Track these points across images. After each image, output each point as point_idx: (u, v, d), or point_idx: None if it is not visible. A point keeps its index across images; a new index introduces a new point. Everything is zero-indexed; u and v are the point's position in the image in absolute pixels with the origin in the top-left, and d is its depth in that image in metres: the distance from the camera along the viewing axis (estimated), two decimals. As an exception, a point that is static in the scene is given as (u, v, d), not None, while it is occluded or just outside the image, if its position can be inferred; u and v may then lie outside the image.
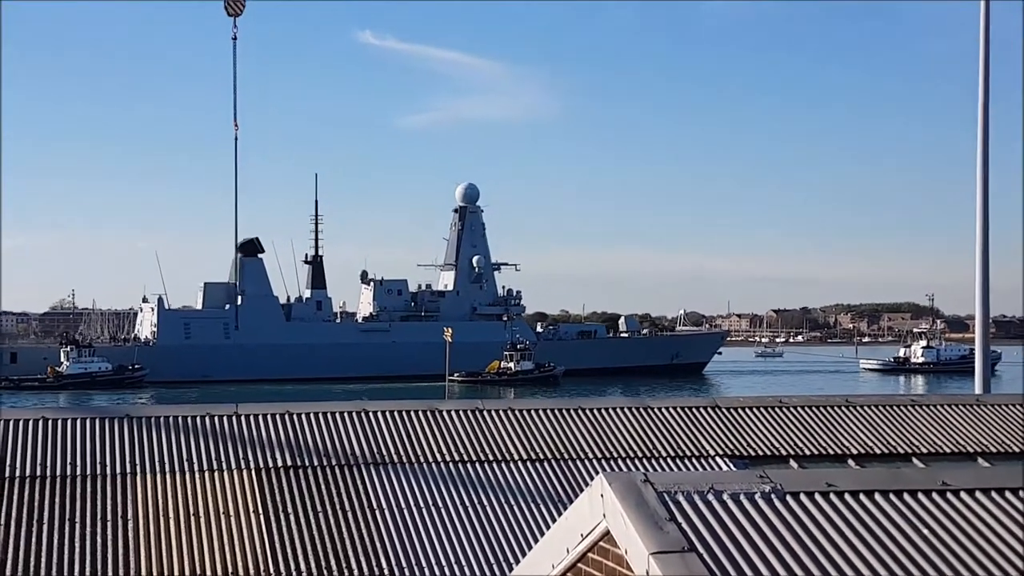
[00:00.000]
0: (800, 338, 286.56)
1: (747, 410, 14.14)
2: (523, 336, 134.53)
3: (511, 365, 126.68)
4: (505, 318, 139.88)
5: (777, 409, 14.18)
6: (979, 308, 18.19)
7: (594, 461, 13.08)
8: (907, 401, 14.55)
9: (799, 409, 14.21)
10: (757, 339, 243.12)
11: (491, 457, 12.87)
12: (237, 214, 74.58)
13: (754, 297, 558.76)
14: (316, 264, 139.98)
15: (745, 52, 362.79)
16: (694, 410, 14.11)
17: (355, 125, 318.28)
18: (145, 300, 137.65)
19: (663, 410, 14.08)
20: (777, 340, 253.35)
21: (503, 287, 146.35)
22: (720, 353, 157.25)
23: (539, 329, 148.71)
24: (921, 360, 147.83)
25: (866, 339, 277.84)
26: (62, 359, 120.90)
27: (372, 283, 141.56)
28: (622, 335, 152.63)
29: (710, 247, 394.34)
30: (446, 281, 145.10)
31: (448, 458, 12.74)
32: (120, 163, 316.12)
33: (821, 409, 14.23)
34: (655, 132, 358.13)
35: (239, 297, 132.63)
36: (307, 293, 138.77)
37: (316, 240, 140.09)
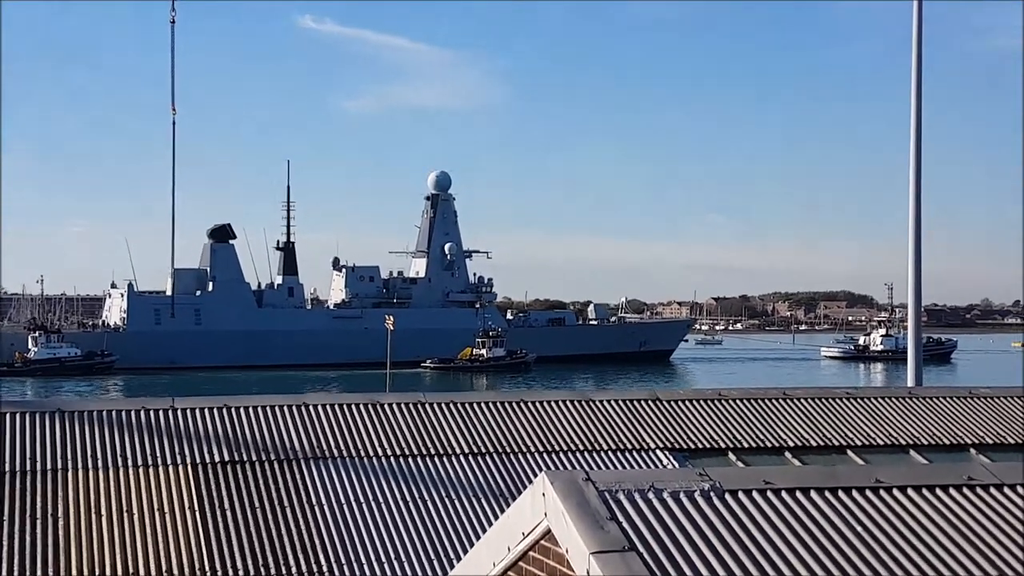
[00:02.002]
0: (739, 326, 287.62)
1: (686, 403, 14.26)
2: (495, 323, 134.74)
3: (483, 352, 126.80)
4: (477, 305, 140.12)
5: (716, 402, 14.31)
6: (911, 302, 18.34)
7: (536, 455, 13.15)
8: (842, 394, 14.72)
9: (737, 402, 14.35)
10: (697, 327, 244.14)
11: (433, 451, 12.92)
12: (175, 198, 73.94)
13: (693, 285, 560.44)
14: (288, 251, 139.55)
15: (685, 39, 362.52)
16: (634, 403, 14.21)
17: (300, 109, 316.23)
18: (114, 286, 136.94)
19: (604, 403, 14.18)
20: (716, 328, 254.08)
21: (474, 274, 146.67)
22: (687, 340, 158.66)
23: (509, 316, 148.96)
24: (881, 348, 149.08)
25: (803, 327, 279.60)
26: (30, 345, 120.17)
27: (344, 269, 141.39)
28: (591, 322, 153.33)
29: (649, 235, 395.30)
30: (418, 268, 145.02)
31: (389, 452, 12.77)
32: (52, 146, 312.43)
33: (759, 402, 14.37)
34: (598, 120, 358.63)
35: (210, 283, 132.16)
36: (279, 280, 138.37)
37: (288, 226, 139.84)
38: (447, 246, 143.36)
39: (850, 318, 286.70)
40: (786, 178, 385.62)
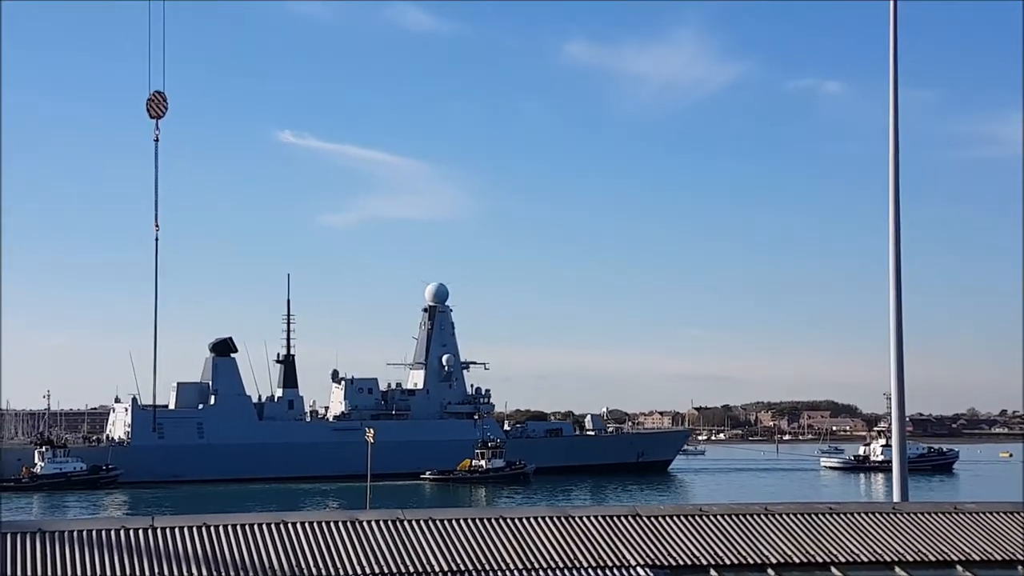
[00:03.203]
0: (722, 436, 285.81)
1: (667, 519, 14.23)
2: (493, 434, 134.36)
3: (482, 463, 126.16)
4: (476, 416, 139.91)
5: (697, 517, 14.28)
6: (895, 416, 18.33)
7: (515, 572, 13.09)
8: (825, 509, 14.68)
9: (718, 517, 14.31)
10: (695, 437, 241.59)
11: (412, 570, 12.87)
12: (157, 315, 72.43)
13: (674, 394, 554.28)
14: (288, 363, 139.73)
15: (659, 152, 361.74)
16: (615, 519, 14.19)
17: (289, 223, 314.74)
18: (117, 400, 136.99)
19: (584, 519, 14.16)
20: (699, 438, 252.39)
21: (471, 385, 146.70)
22: (683, 451, 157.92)
23: (506, 427, 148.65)
24: (881, 458, 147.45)
25: (787, 437, 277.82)
26: (36, 460, 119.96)
27: (343, 382, 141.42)
28: (588, 433, 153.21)
29: (627, 345, 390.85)
30: (416, 379, 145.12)
31: (368, 571, 12.73)
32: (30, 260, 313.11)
33: (740, 517, 14.33)
34: (574, 231, 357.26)
35: (212, 397, 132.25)
36: (279, 392, 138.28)
37: (288, 339, 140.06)
38: (445, 358, 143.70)
39: (834, 428, 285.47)
40: (765, 288, 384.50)
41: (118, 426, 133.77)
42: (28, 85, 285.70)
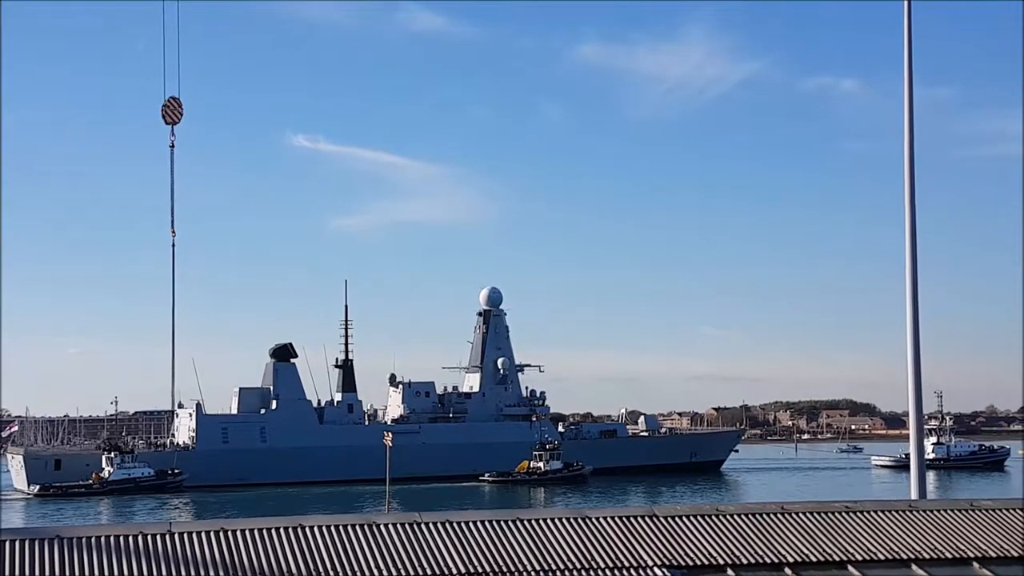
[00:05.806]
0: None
1: (684, 519, 14.28)
2: (550, 436, 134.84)
3: (540, 465, 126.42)
4: (534, 418, 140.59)
5: (714, 517, 14.32)
6: (913, 414, 18.23)
7: (533, 574, 13.20)
8: (841, 508, 14.67)
9: (735, 517, 14.34)
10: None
11: (428, 572, 13.01)
12: (174, 320, 72.52)
13: (693, 395, 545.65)
14: (346, 368, 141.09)
15: (673, 152, 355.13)
16: (632, 519, 14.26)
17: (292, 229, 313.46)
18: (181, 406, 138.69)
19: (601, 520, 14.24)
20: None
21: (526, 388, 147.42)
22: (737, 451, 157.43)
23: (561, 429, 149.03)
24: (932, 456, 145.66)
25: (805, 436, 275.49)
26: (104, 465, 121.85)
27: (400, 385, 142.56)
28: (642, 434, 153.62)
29: (645, 345, 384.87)
30: (471, 382, 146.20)
31: (385, 574, 12.88)
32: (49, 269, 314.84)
33: (757, 517, 14.35)
34: (590, 232, 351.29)
35: (273, 402, 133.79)
36: (338, 396, 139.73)
37: (346, 344, 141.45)
38: (500, 360, 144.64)
39: (852, 427, 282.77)
40: (782, 288, 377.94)
41: (182, 431, 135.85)
42: (45, 97, 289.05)
